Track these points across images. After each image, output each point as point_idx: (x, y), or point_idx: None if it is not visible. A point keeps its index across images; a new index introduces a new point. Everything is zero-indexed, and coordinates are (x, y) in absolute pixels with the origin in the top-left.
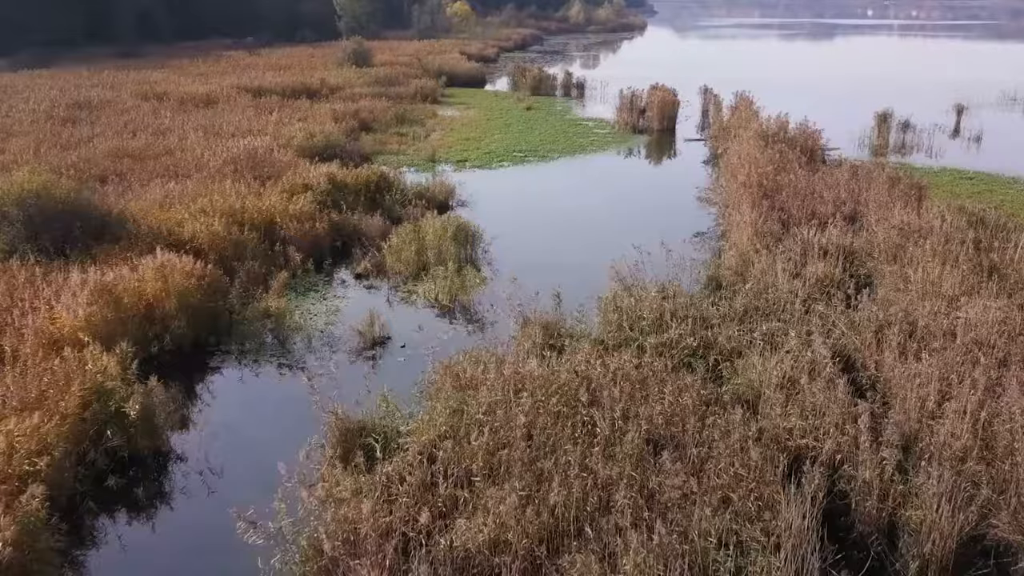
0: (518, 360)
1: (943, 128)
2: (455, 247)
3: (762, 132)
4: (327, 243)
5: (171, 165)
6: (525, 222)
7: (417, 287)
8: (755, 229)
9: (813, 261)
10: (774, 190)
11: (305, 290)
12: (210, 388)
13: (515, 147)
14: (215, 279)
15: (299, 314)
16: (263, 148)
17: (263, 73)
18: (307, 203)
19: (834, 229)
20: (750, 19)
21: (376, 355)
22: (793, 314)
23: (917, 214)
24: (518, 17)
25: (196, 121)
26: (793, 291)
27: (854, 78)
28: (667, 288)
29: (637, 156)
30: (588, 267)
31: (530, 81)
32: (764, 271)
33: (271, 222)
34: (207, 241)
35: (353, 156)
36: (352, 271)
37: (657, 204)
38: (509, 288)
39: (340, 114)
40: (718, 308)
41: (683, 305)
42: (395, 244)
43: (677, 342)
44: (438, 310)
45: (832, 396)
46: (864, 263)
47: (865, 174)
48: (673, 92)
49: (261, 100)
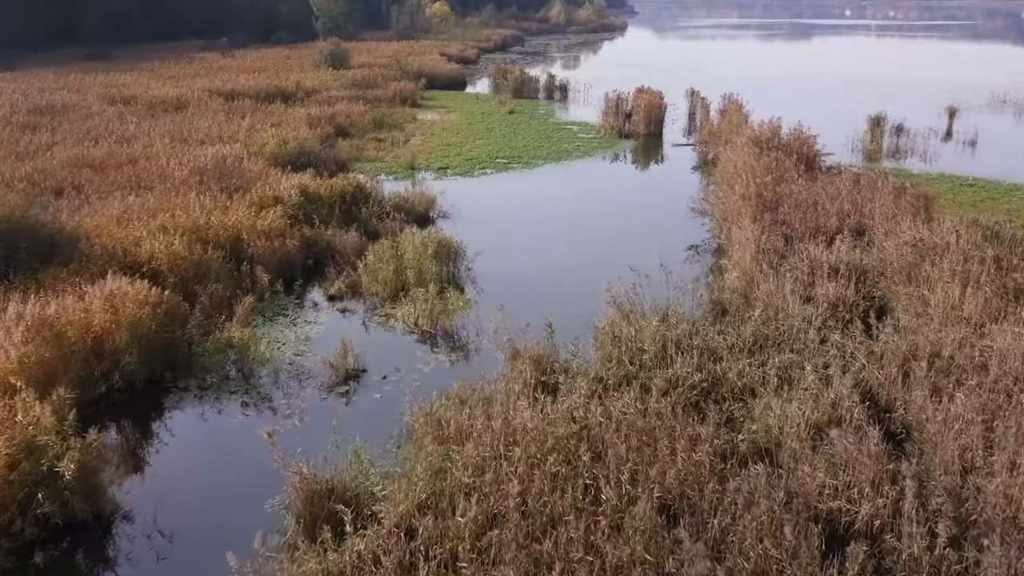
0: (508, 405)
1: (936, 131)
2: (436, 265)
3: (755, 138)
4: (298, 261)
5: (134, 176)
6: (510, 235)
7: (395, 310)
8: (758, 246)
9: (822, 281)
10: (775, 202)
11: (273, 315)
12: (164, 432)
13: (498, 153)
14: (173, 306)
15: (266, 343)
16: (232, 157)
17: (236, 76)
18: (277, 218)
19: (842, 246)
20: (729, 19)
21: (350, 391)
22: (807, 344)
23: (928, 228)
24: (498, 17)
25: (164, 127)
26: (806, 318)
27: (837, 79)
28: (668, 313)
29: (624, 162)
30: (579, 286)
31: (512, 83)
32: (771, 293)
33: (237, 239)
34: (166, 262)
35: (328, 164)
36: (325, 292)
37: (648, 214)
38: (496, 316)
39: (315, 119)
40: (725, 337)
41: (686, 333)
42: (371, 262)
43: (683, 379)
44: (418, 336)
45: (864, 447)
46: (876, 283)
47: (868, 184)
48: (659, 95)
49: (233, 104)
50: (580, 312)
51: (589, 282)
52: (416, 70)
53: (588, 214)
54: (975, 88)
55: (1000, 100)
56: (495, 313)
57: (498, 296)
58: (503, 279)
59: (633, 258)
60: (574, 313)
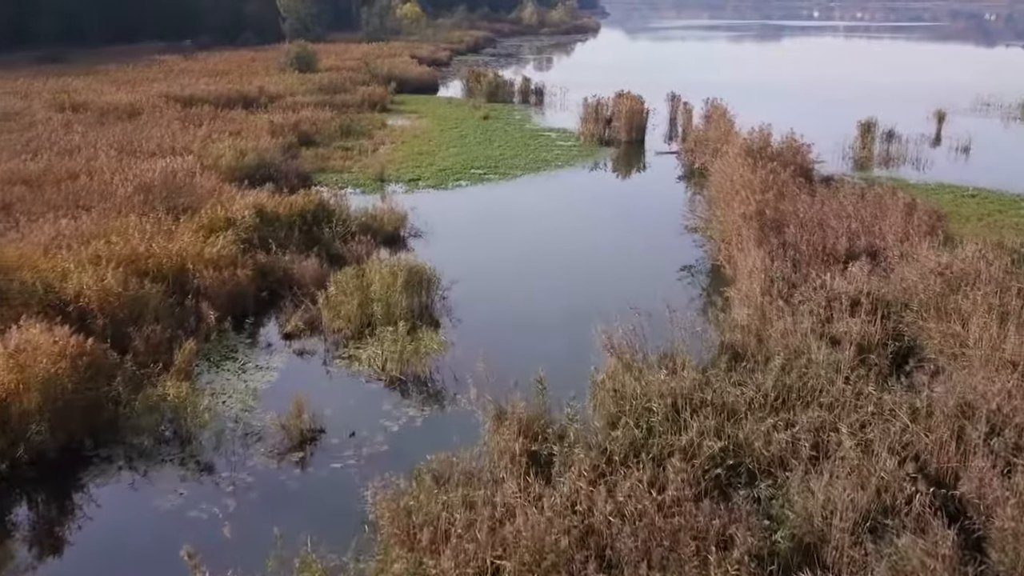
0: (494, 492)
1: (926, 137)
2: (407, 298)
3: (747, 147)
4: (251, 293)
5: (72, 193)
6: (489, 258)
7: (360, 350)
8: (768, 275)
9: (842, 316)
10: (778, 221)
11: (220, 358)
12: (80, 515)
13: (473, 162)
14: (98, 357)
15: (209, 395)
16: (184, 171)
17: (197, 80)
18: (228, 244)
19: (859, 272)
20: (699, 20)
21: (305, 458)
22: (837, 398)
23: (948, 251)
24: (470, 19)
25: (112, 137)
26: (832, 364)
27: (814, 81)
28: (674, 359)
29: (607, 172)
30: (568, 317)
31: (486, 87)
32: (786, 332)
33: (182, 269)
34: (97, 300)
35: (290, 177)
36: (281, 330)
37: (637, 231)
38: (475, 360)
39: (278, 126)
40: (742, 390)
41: (698, 385)
42: (333, 295)
43: (701, 448)
44: (386, 383)
45: (931, 549)
46: (901, 317)
47: (875, 199)
48: (640, 100)
49: (191, 111)
50: (571, 351)
51: (579, 312)
52: (386, 73)
53: (573, 232)
54: (952, 90)
55: (984, 103)
56: (474, 355)
57: (476, 332)
58: (482, 311)
59: (626, 284)
60: (564, 352)
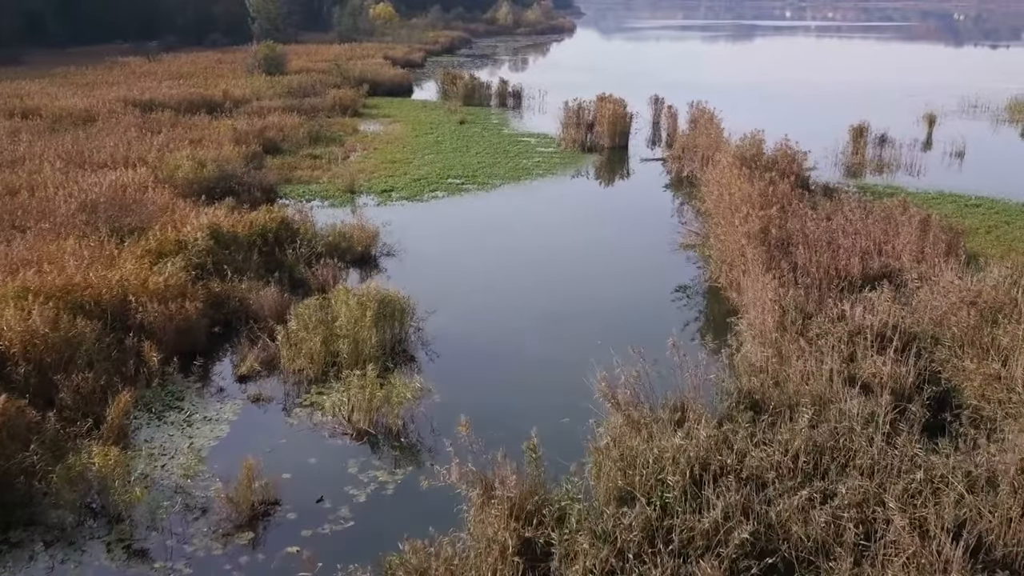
0: None
1: (918, 142)
2: (377, 333)
3: (740, 155)
4: (202, 328)
5: (9, 212)
6: (468, 281)
7: (324, 396)
8: (782, 307)
9: (867, 353)
10: (784, 240)
11: (163, 408)
12: None
13: (450, 171)
14: (11, 417)
15: (146, 458)
16: (135, 184)
17: (159, 83)
18: (177, 271)
19: (883, 301)
20: (674, 20)
21: (256, 539)
22: (877, 461)
23: (969, 272)
24: (445, 19)
25: (62, 146)
26: (866, 416)
27: (793, 83)
28: (684, 409)
29: (591, 181)
30: (559, 351)
31: (462, 89)
32: (807, 374)
33: (123, 303)
34: (20, 342)
35: (253, 189)
36: (235, 371)
37: (627, 250)
38: (456, 406)
39: (242, 133)
40: (766, 451)
41: (715, 443)
42: (294, 330)
43: (726, 533)
44: (353, 437)
45: None
46: (931, 352)
47: (885, 213)
48: (623, 104)
49: (151, 117)
50: (565, 396)
51: (570, 344)
52: (358, 75)
53: (559, 250)
54: (931, 90)
55: (971, 105)
56: (454, 401)
57: (456, 371)
58: (461, 344)
59: (619, 310)
60: (557, 398)
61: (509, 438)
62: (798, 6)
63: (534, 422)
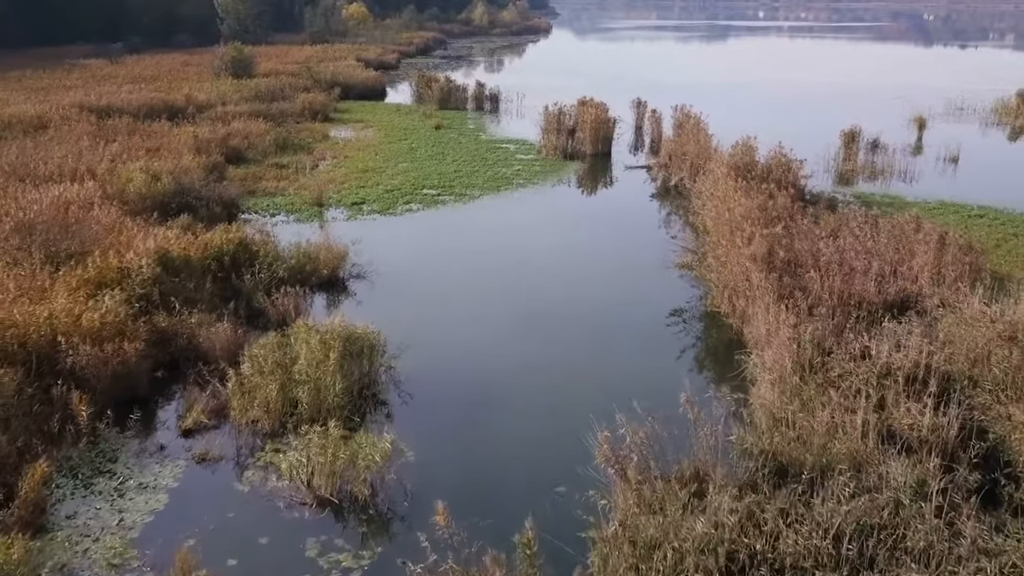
0: None
1: (910, 147)
2: (342, 379)
3: (734, 165)
4: (143, 372)
5: None
6: (445, 310)
7: (280, 455)
8: (799, 344)
9: (899, 399)
10: (791, 262)
11: (91, 474)
12: None
13: (425, 181)
14: None
15: (65, 544)
16: (81, 201)
17: (119, 87)
18: (116, 304)
19: (911, 336)
20: (648, 21)
21: None
22: (929, 541)
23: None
24: (419, 19)
25: (6, 157)
26: (916, 484)
27: (773, 84)
28: (700, 477)
29: (575, 191)
30: (550, 396)
31: (437, 93)
32: (832, 427)
33: (52, 344)
34: None
35: (213, 204)
36: (179, 423)
37: (617, 270)
38: (431, 469)
39: (204, 142)
40: (798, 531)
41: (738, 521)
42: (248, 374)
43: None
44: (313, 508)
45: None
46: (970, 396)
47: (896, 230)
48: (605, 108)
49: (107, 123)
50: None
51: (561, 384)
52: (330, 78)
53: (545, 270)
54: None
55: (958, 107)
56: (429, 463)
57: (431, 423)
58: (437, 388)
59: (612, 341)
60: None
61: (495, 516)
62: (771, 6)
63: (523, 491)
